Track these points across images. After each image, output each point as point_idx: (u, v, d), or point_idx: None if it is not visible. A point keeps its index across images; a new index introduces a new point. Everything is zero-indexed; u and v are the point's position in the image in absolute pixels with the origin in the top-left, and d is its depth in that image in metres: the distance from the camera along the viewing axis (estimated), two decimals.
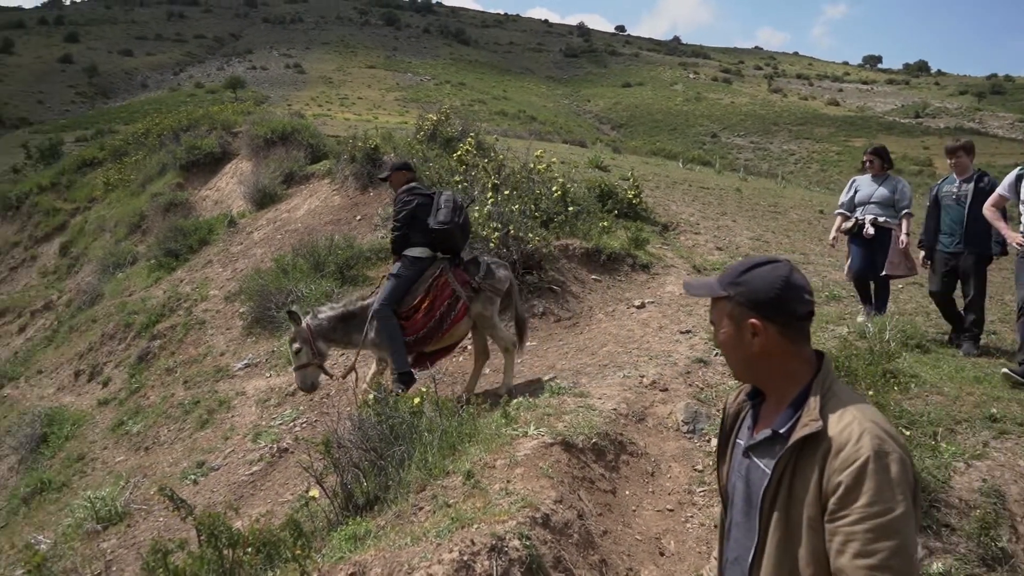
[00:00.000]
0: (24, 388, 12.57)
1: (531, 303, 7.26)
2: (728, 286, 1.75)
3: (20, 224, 22.53)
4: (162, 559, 2.70)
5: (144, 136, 22.98)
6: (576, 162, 14.09)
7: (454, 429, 4.45)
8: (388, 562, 2.98)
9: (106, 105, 79.30)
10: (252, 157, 16.69)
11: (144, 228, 16.96)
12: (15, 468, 10.12)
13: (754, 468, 1.78)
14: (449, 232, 6.02)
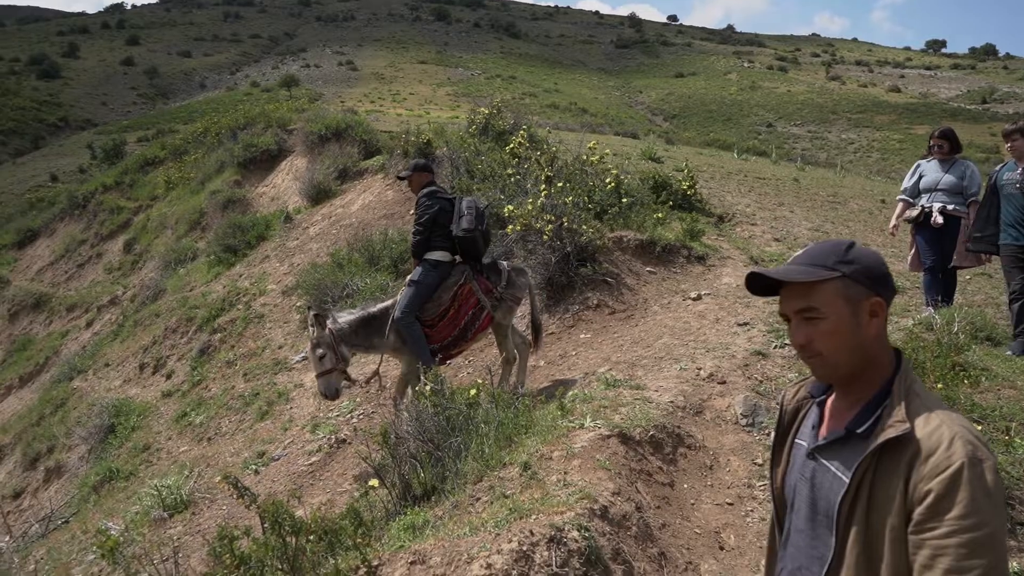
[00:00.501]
0: (92, 380, 12.99)
1: (585, 295, 7.22)
2: (838, 264, 1.61)
3: (87, 222, 23.27)
4: (228, 545, 2.75)
5: (203, 135, 23.51)
6: (628, 154, 13.97)
7: (510, 421, 4.46)
8: (447, 551, 3.00)
9: (166, 106, 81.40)
10: (307, 154, 16.94)
11: (204, 225, 17.37)
12: (85, 457, 10.48)
13: (822, 471, 1.66)
14: (473, 239, 6.00)
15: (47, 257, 23.41)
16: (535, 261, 7.46)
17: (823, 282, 1.61)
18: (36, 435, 11.97)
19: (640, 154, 14.24)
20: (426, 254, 5.96)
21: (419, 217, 5.98)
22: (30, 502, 10.80)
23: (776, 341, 5.73)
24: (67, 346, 16.70)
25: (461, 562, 2.91)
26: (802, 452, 1.74)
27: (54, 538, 7.79)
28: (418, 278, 5.87)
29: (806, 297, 1.64)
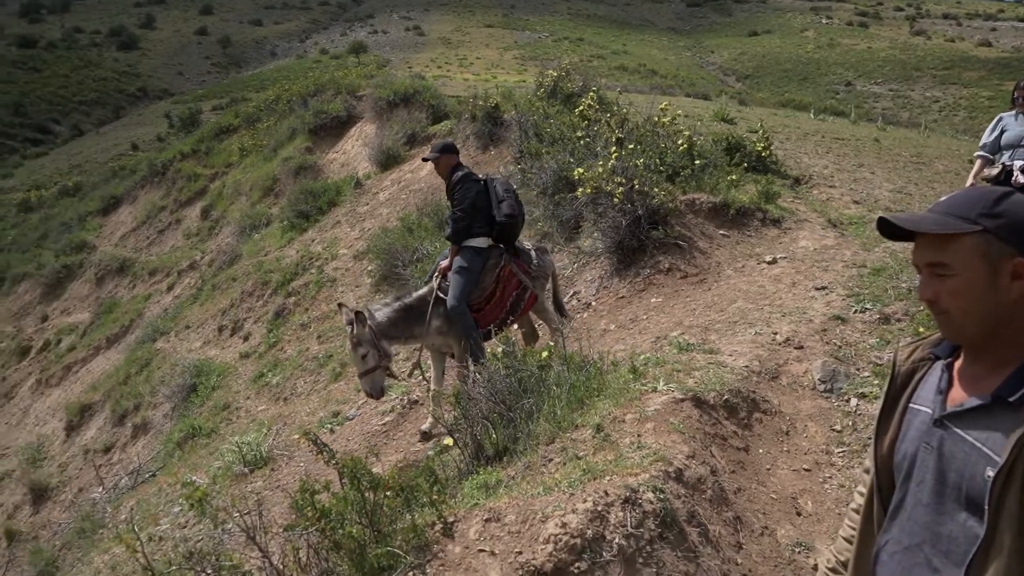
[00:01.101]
0: (174, 342, 13.50)
1: (656, 259, 7.13)
2: (981, 218, 1.43)
3: (166, 189, 24.02)
4: (310, 498, 2.83)
5: (274, 103, 23.91)
6: (700, 115, 13.65)
7: (581, 383, 4.45)
8: (522, 509, 3.02)
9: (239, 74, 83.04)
10: (376, 119, 17.07)
11: (277, 191, 17.73)
12: (169, 415, 10.94)
13: (954, 441, 1.48)
14: (515, 225, 5.92)
15: (130, 223, 24.31)
16: (605, 224, 7.39)
17: (959, 236, 1.45)
18: (123, 393, 12.54)
19: (712, 116, 13.90)
20: (467, 240, 5.80)
21: (459, 202, 5.79)
22: (119, 456, 11.36)
23: (856, 306, 5.56)
24: (150, 309, 17.38)
25: (536, 520, 2.93)
26: (922, 418, 1.58)
27: (142, 490, 8.18)
28: (466, 264, 5.70)
29: (938, 250, 1.48)
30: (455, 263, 5.76)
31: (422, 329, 5.62)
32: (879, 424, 1.72)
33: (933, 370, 1.64)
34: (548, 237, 8.99)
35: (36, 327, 22.17)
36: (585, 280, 7.61)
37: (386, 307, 5.65)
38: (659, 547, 2.91)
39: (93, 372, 16.35)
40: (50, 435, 14.59)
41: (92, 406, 13.56)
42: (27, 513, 11.44)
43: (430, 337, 5.70)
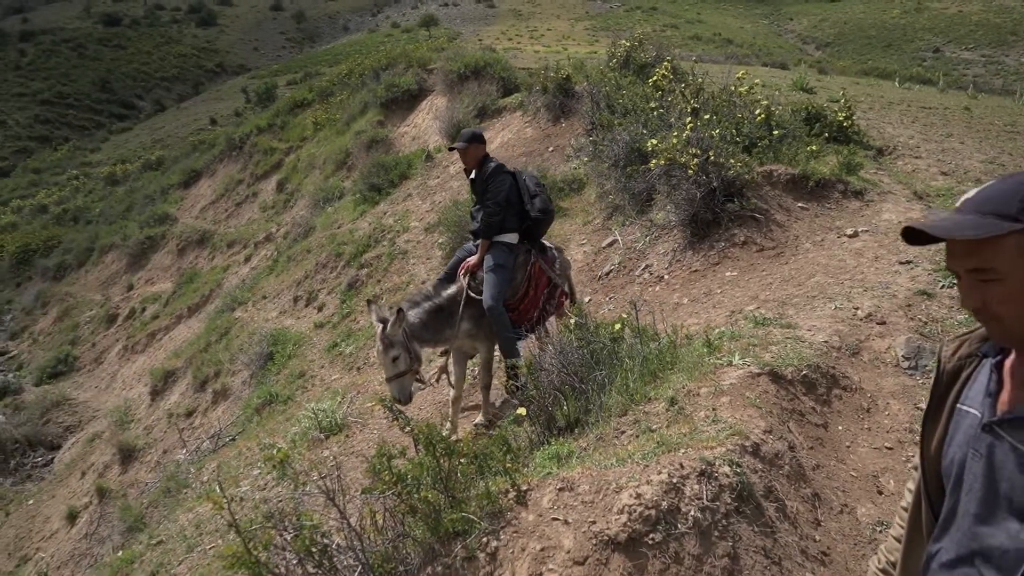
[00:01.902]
0: (251, 311, 13.90)
1: (731, 231, 6.97)
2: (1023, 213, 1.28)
3: (243, 163, 24.63)
4: (387, 463, 2.88)
5: (347, 77, 24.18)
6: (778, 85, 13.23)
7: (654, 356, 4.40)
8: (595, 480, 3.02)
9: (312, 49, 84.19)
10: (446, 93, 17.10)
11: (349, 164, 17.99)
12: (247, 382, 11.29)
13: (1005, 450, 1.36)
14: (548, 221, 5.80)
15: (209, 196, 25.05)
16: (679, 196, 7.26)
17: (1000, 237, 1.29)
18: (204, 360, 13.00)
19: (790, 85, 13.46)
20: (498, 235, 5.59)
21: (495, 195, 5.54)
22: (200, 420, 11.80)
23: (943, 280, 5.34)
24: (228, 279, 17.93)
25: (610, 491, 2.92)
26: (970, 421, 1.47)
27: (223, 453, 8.48)
28: (501, 261, 5.46)
29: (978, 255, 1.32)
30: (488, 260, 5.49)
31: (452, 331, 5.35)
32: (925, 424, 1.62)
33: (982, 369, 1.52)
34: (619, 210, 8.90)
35: (122, 296, 23.14)
36: (657, 253, 7.51)
37: (417, 307, 5.30)
38: (735, 521, 2.87)
39: (175, 339, 17.00)
40: (136, 399, 15.26)
41: (175, 372, 14.10)
42: (116, 472, 12.00)
43: (459, 339, 5.44)
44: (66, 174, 47.36)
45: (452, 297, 5.44)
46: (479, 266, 5.55)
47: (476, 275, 5.55)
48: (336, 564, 2.89)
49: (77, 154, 57.10)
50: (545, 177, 10.33)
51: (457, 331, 5.35)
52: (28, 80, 76.89)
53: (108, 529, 9.98)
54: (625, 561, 2.70)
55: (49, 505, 12.71)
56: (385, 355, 4.98)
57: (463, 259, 5.78)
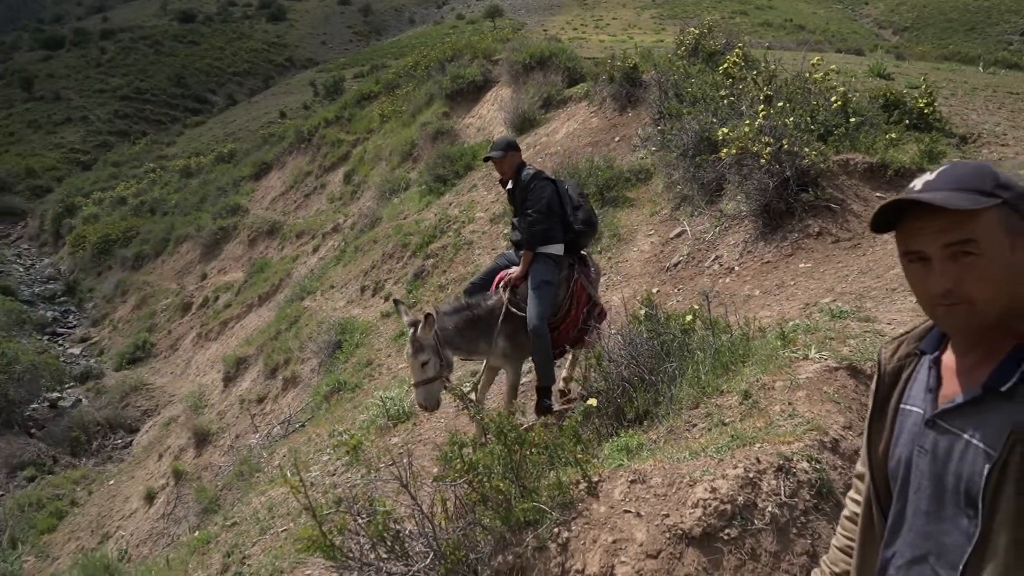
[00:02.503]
0: (320, 301, 14.16)
1: (805, 222, 6.79)
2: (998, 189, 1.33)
3: (311, 155, 25.11)
4: (458, 451, 2.89)
5: (413, 69, 24.37)
6: (853, 71, 12.80)
7: (727, 348, 4.32)
8: (668, 473, 2.97)
9: (379, 42, 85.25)
10: (511, 83, 17.09)
11: (415, 156, 18.16)
12: (316, 370, 11.52)
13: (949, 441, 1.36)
14: (591, 234, 5.55)
15: (279, 188, 25.62)
16: (751, 186, 7.10)
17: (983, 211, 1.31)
18: (274, 348, 13.31)
19: (866, 72, 13.02)
20: (542, 246, 5.23)
21: (536, 202, 5.18)
22: (271, 407, 12.10)
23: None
24: (297, 269, 18.32)
25: (683, 484, 2.87)
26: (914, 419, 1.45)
27: (293, 439, 8.67)
28: (548, 278, 5.13)
29: (962, 228, 1.32)
30: (534, 275, 5.15)
31: (487, 345, 5.06)
32: (870, 428, 1.59)
33: (921, 366, 1.51)
34: (688, 200, 8.76)
35: (196, 285, 23.89)
36: (727, 244, 7.37)
37: (455, 313, 5.03)
38: (814, 518, 2.79)
39: (247, 328, 17.47)
40: (209, 385, 15.74)
41: (246, 359, 14.49)
42: (191, 455, 12.40)
43: (494, 356, 5.15)
44: (144, 167, 49.02)
45: (491, 310, 5.12)
46: (522, 280, 5.22)
47: (517, 289, 5.22)
48: (408, 550, 2.91)
49: (154, 148, 59.05)
50: (611, 168, 10.24)
51: (493, 346, 5.05)
52: (108, 76, 79.86)
53: (184, 510, 10.32)
54: (700, 556, 2.65)
55: (128, 485, 13.21)
56: (415, 359, 4.71)
57: (501, 268, 5.47)
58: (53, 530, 12.62)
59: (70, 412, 17.95)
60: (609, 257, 8.62)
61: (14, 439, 16.33)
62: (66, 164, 63.85)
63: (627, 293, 7.29)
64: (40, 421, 17.77)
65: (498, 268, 5.48)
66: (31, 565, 11.55)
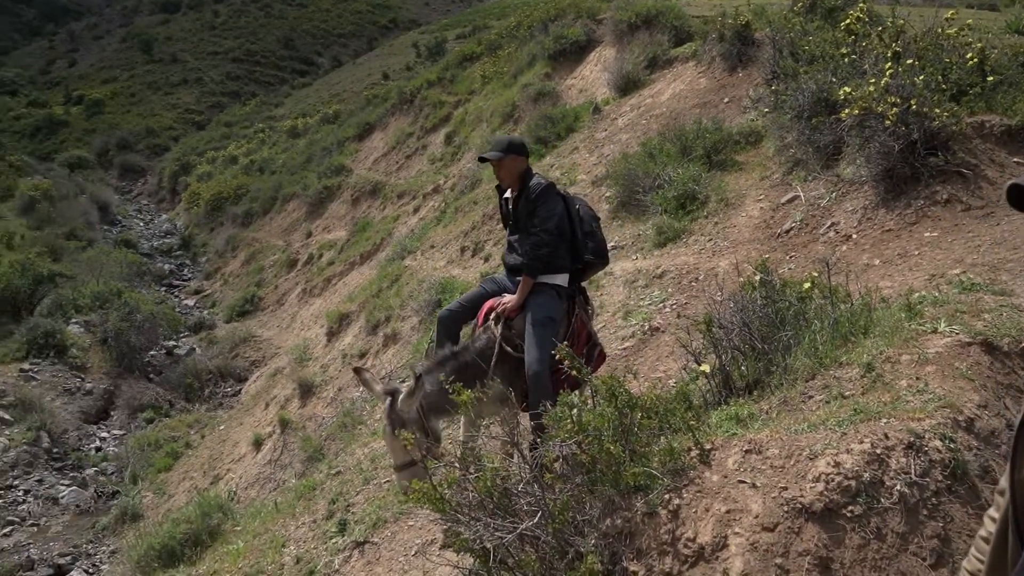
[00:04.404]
0: (420, 260, 14.36)
1: (932, 188, 6.37)
2: None
3: (413, 116, 25.36)
4: (569, 412, 2.85)
5: (515, 29, 24.15)
6: (987, 28, 11.91)
7: (846, 319, 4.11)
8: (785, 444, 2.85)
9: (482, 3, 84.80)
10: (615, 44, 16.70)
11: (516, 117, 18.05)
12: (416, 327, 11.71)
13: None
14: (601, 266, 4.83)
15: (381, 148, 26.03)
16: (872, 150, 6.71)
17: None
18: (376, 305, 13.61)
19: (1003, 27, 12.08)
20: (545, 275, 4.41)
21: (545, 220, 4.35)
22: (372, 362, 12.40)
23: None
24: (398, 229, 18.63)
25: (802, 457, 2.75)
26: None
27: None
28: (552, 314, 4.32)
29: None
30: (535, 309, 4.30)
31: None
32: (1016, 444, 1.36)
33: None
34: (801, 164, 8.37)
35: (302, 242, 24.66)
36: (845, 211, 7.01)
37: (438, 368, 4.11)
38: (946, 500, 2.63)
39: (349, 285, 17.94)
40: (313, 339, 16.28)
41: (349, 315, 14.88)
42: (296, 405, 12.88)
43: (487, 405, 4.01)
44: (253, 127, 50.72)
45: (481, 351, 4.23)
46: (518, 311, 4.37)
47: (512, 322, 4.36)
48: (515, 507, 2.91)
49: (263, 108, 60.97)
50: (720, 131, 9.90)
51: None
52: (221, 39, 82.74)
53: (289, 457, 10.76)
54: (819, 532, 2.54)
55: (237, 431, 13.88)
56: (392, 439, 3.80)
57: (489, 294, 4.61)
58: (169, 469, 13.41)
59: (185, 360, 18.96)
60: (716, 222, 8.36)
61: (135, 383, 17.38)
62: (182, 124, 66.84)
63: (735, 259, 7.06)
64: (158, 367, 18.84)
65: (485, 294, 4.63)
66: (149, 500, 12.33)
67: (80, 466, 13.74)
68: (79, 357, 17.14)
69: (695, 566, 2.64)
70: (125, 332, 17.59)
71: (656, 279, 7.71)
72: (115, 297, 19.07)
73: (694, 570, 2.63)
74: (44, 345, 16.49)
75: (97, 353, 17.71)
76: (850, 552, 2.51)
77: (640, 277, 7.94)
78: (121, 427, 15.93)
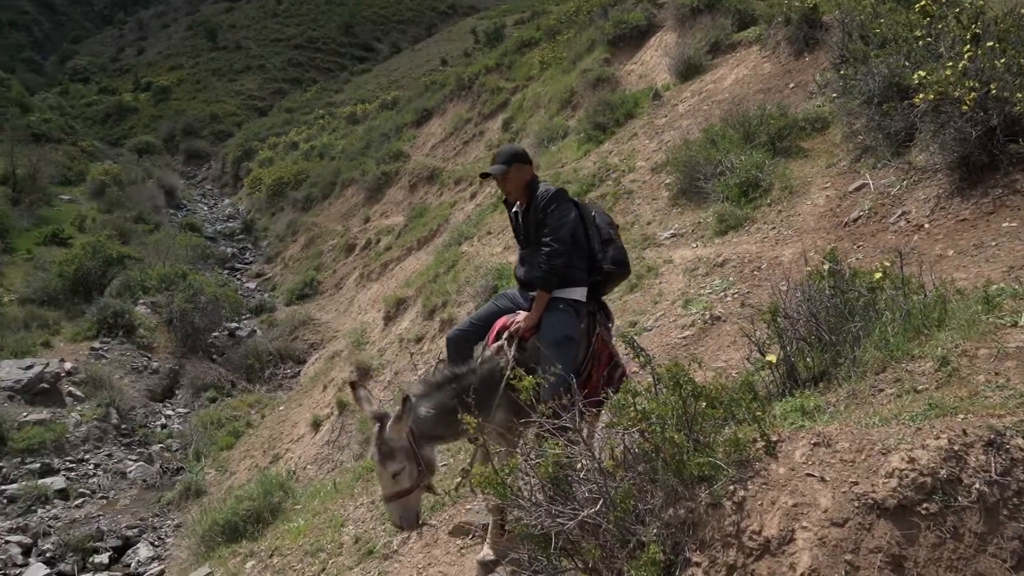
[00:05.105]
0: (477, 246, 14.39)
1: (1011, 177, 6.11)
2: None
3: (471, 102, 25.39)
4: (631, 399, 2.81)
5: (575, 14, 23.95)
6: None
7: (919, 311, 3.97)
8: (856, 438, 2.77)
9: None
10: (677, 28, 16.42)
11: (574, 103, 17.93)
12: (471, 312, 11.75)
13: None
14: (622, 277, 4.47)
15: (439, 134, 26.15)
16: (948, 136, 6.46)
17: None
18: (433, 291, 13.69)
19: None
20: (561, 288, 4.12)
21: (557, 229, 4.06)
22: (429, 346, 12.50)
23: None
24: (455, 215, 18.70)
25: (874, 452, 2.66)
26: None
27: None
28: (570, 332, 3.99)
29: None
30: (551, 328, 3.99)
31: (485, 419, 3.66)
32: None
33: None
34: (870, 151, 8.13)
35: (360, 227, 24.97)
36: (916, 199, 6.78)
37: (437, 391, 3.80)
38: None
39: (406, 270, 18.10)
40: (371, 323, 16.49)
41: (405, 300, 15.02)
42: None
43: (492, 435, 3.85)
44: (313, 113, 51.50)
45: (490, 373, 3.91)
46: (532, 330, 4.04)
47: (526, 344, 4.04)
48: (575, 494, 2.89)
49: (323, 95, 61.85)
50: (785, 116, 9.66)
51: (489, 420, 3.73)
52: (283, 26, 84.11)
53: (347, 438, 10.94)
54: (892, 529, 2.46)
55: (296, 412, 14.16)
56: (383, 467, 3.56)
57: (502, 311, 4.31)
58: (230, 447, 13.76)
59: (246, 341, 19.41)
60: (779, 210, 8.17)
61: (199, 363, 17.87)
62: (245, 110, 68.27)
63: (799, 248, 6.89)
64: (220, 348, 19.34)
65: (498, 311, 4.33)
66: (212, 477, 12.67)
67: (146, 442, 14.21)
68: (146, 337, 17.70)
69: (760, 559, 2.59)
70: (190, 313, 18.08)
71: (717, 267, 7.59)
72: (180, 279, 19.60)
73: (759, 563, 2.58)
74: (113, 325, 17.04)
75: (163, 333, 18.26)
76: (924, 551, 2.43)
77: (700, 265, 7.82)
78: (185, 405, 16.41)
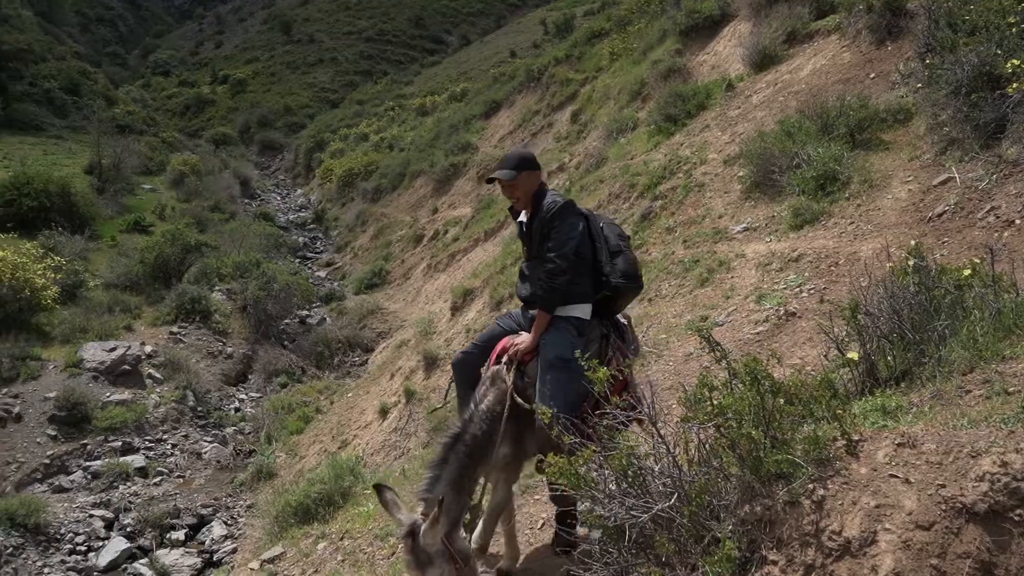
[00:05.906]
0: None
1: None
2: None
3: (540, 94, 25.35)
4: (708, 394, 2.78)
5: (646, 4, 23.64)
6: None
7: (1011, 310, 3.81)
8: (943, 440, 2.68)
9: None
10: (751, 17, 16.05)
11: (644, 95, 17.72)
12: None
13: None
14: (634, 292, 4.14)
15: (507, 126, 26.20)
16: None
17: None
18: (500, 282, 13.75)
19: None
20: (564, 307, 3.88)
21: (561, 244, 3.81)
22: None
23: None
24: None
25: (963, 454, 2.57)
26: None
27: None
28: (568, 354, 3.63)
29: None
30: (551, 349, 3.75)
31: (488, 463, 3.55)
32: None
33: None
34: (956, 144, 7.82)
35: (428, 218, 25.22)
36: (1007, 194, 6.49)
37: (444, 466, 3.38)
38: None
39: (473, 261, 18.22)
40: (438, 313, 16.67)
41: (472, 291, 15.12)
42: (420, 377, 13.23)
43: (493, 470, 3.63)
44: (384, 105, 52.21)
45: (491, 413, 3.62)
46: (533, 354, 3.83)
47: (526, 369, 3.81)
48: (649, 487, 2.87)
49: (393, 87, 62.58)
50: (865, 107, 9.36)
51: (494, 458, 3.54)
52: (355, 19, 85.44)
53: (414, 426, 11.09)
54: (982, 534, 2.37)
55: (364, 399, 14.42)
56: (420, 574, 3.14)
57: (504, 332, 4.09)
58: (300, 432, 14.10)
59: (316, 329, 19.85)
60: (858, 204, 7.94)
61: (271, 349, 18.36)
62: (317, 102, 69.64)
63: (880, 244, 6.69)
64: (291, 335, 19.82)
65: (501, 333, 4.11)
66: (282, 460, 13.02)
67: (221, 424, 14.69)
68: (221, 323, 18.27)
69: (840, 560, 2.53)
70: (263, 300, 18.59)
71: (792, 262, 7.42)
72: (254, 267, 20.16)
73: (839, 564, 2.52)
74: (191, 310, 17.65)
75: (237, 319, 18.82)
76: (1017, 559, 2.33)
77: (774, 260, 7.66)
78: (258, 390, 16.90)
